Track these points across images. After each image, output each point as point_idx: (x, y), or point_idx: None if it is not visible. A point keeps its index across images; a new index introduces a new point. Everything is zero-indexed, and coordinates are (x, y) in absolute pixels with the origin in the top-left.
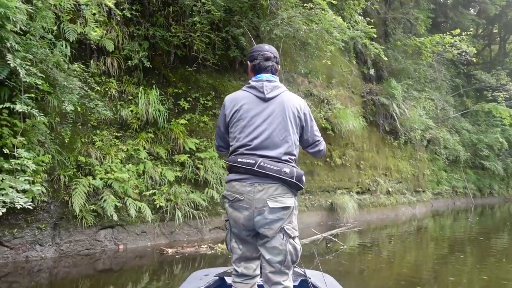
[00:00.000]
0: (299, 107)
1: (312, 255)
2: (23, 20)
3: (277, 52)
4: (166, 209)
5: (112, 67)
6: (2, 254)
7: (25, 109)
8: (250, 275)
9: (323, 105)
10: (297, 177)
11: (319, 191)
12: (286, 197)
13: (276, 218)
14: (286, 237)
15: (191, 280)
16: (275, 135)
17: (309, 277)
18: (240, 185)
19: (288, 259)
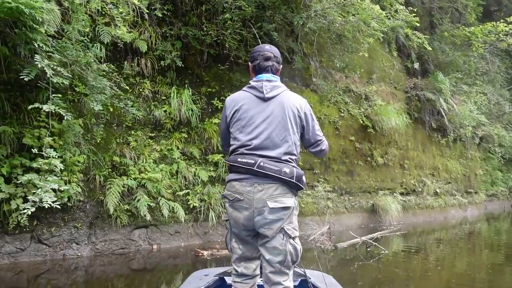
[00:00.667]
0: (299, 106)
1: (350, 261)
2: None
3: (279, 52)
4: (200, 209)
5: (145, 68)
6: (41, 252)
7: (52, 109)
8: (250, 275)
9: (363, 101)
10: (297, 177)
11: (360, 191)
12: (286, 197)
13: (276, 218)
14: (286, 237)
15: (191, 280)
16: (274, 135)
17: (309, 277)
18: (240, 185)
19: (288, 259)
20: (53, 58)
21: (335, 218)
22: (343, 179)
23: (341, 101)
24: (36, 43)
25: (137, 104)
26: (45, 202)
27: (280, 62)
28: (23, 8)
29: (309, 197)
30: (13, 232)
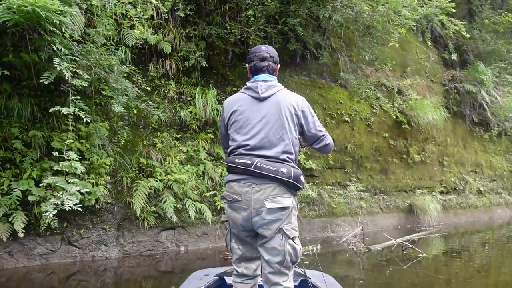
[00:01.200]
0: (296, 104)
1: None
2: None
3: (276, 52)
4: None
5: (170, 69)
6: (71, 253)
7: (71, 111)
8: (250, 275)
9: (396, 96)
10: (294, 177)
11: (395, 191)
12: (284, 197)
13: (274, 218)
14: (285, 237)
15: (191, 280)
16: (271, 134)
17: (309, 277)
18: (238, 186)
19: (287, 259)
20: (73, 61)
21: (369, 218)
22: (376, 178)
23: (372, 97)
24: (55, 46)
25: (163, 105)
26: (66, 204)
27: (277, 62)
28: (39, 11)
29: (341, 197)
30: (45, 234)
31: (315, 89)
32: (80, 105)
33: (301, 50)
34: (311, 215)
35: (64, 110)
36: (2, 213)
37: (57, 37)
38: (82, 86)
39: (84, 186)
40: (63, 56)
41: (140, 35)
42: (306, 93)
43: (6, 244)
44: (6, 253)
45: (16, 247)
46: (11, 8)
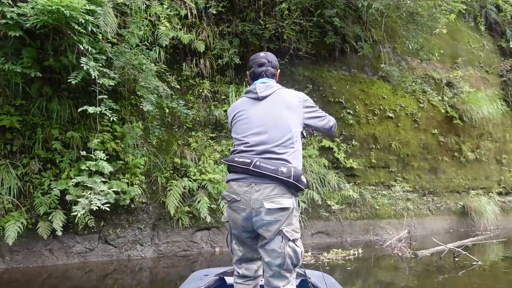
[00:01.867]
0: (297, 98)
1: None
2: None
3: (275, 57)
4: None
5: (204, 68)
6: (107, 252)
7: (98, 111)
8: (251, 276)
9: (446, 89)
10: (294, 177)
11: (446, 191)
12: (283, 197)
13: (273, 219)
14: (285, 240)
15: (191, 280)
16: (272, 131)
17: (309, 277)
18: (237, 185)
19: (287, 262)
20: (100, 60)
21: (416, 221)
22: (425, 178)
23: (419, 90)
24: (82, 45)
25: (197, 105)
26: (93, 204)
27: (276, 67)
28: (63, 10)
29: (385, 198)
30: (83, 233)
31: (355, 84)
32: (109, 105)
33: (340, 44)
34: (353, 216)
35: (90, 109)
36: (42, 212)
37: (84, 37)
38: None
39: (111, 186)
40: (90, 56)
41: (166, 31)
42: (346, 88)
43: (47, 242)
44: (47, 250)
45: (56, 245)
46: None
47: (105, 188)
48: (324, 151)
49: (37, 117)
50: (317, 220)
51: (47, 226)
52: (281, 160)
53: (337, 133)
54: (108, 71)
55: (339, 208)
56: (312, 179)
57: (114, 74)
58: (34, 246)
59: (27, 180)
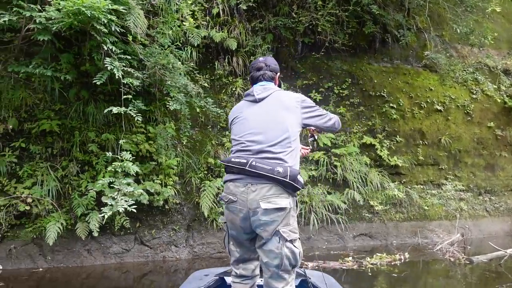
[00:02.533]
0: (294, 99)
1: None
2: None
3: (275, 61)
4: (300, 212)
5: (237, 66)
6: (143, 253)
7: (122, 111)
8: (249, 276)
9: (503, 78)
10: (291, 177)
11: (506, 190)
12: (280, 197)
13: (270, 220)
14: (283, 240)
15: (191, 280)
16: (268, 131)
17: (309, 277)
18: (234, 186)
19: (285, 263)
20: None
21: (471, 223)
22: (480, 175)
23: (471, 80)
24: (106, 46)
25: (230, 104)
26: (120, 206)
27: (274, 70)
28: (84, 10)
29: (435, 198)
30: (119, 234)
31: (398, 76)
32: (138, 105)
33: (380, 33)
34: (398, 218)
35: (115, 109)
36: (80, 213)
37: (109, 37)
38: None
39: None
40: (115, 56)
41: (190, 28)
42: (388, 81)
43: (85, 242)
44: (85, 250)
45: (94, 246)
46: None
47: (132, 189)
48: (365, 149)
49: (75, 120)
50: (359, 222)
51: (85, 227)
52: (277, 159)
53: (380, 129)
54: (133, 71)
55: (383, 208)
56: (353, 178)
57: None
58: (73, 246)
59: (66, 182)
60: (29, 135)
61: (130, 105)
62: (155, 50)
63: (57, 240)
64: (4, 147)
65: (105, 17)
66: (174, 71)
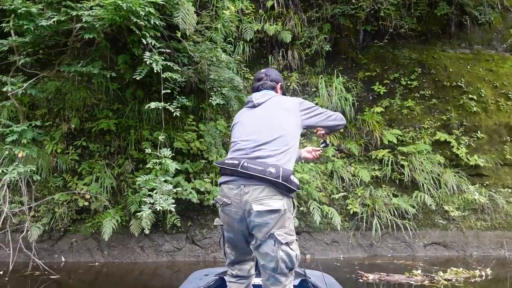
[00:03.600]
0: (292, 101)
1: None
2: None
3: (277, 72)
4: (362, 215)
5: (292, 59)
6: (194, 252)
7: (160, 106)
8: (244, 276)
9: None
10: (283, 177)
11: None
12: (273, 199)
13: (263, 222)
14: (278, 243)
15: (191, 279)
16: (262, 131)
17: (309, 277)
18: (228, 188)
19: (281, 266)
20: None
21: None
22: None
23: None
24: (145, 40)
25: None
26: (157, 204)
27: (275, 80)
28: (120, 3)
29: None
30: (171, 232)
31: (479, 63)
32: (182, 101)
33: (457, 15)
34: (480, 226)
35: (152, 105)
36: (133, 210)
37: (149, 31)
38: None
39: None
40: (155, 50)
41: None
42: (466, 69)
43: (139, 239)
44: (139, 247)
45: (147, 243)
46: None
47: (171, 187)
48: (438, 146)
49: (130, 119)
50: (430, 229)
51: (138, 224)
52: (270, 157)
53: (456, 124)
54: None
55: (460, 215)
56: (423, 180)
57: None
58: (128, 243)
59: (122, 179)
60: (89, 134)
61: (174, 102)
62: (205, 46)
63: (113, 236)
64: (68, 146)
65: (143, 10)
66: (219, 64)
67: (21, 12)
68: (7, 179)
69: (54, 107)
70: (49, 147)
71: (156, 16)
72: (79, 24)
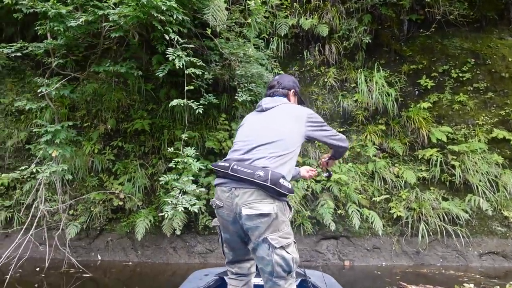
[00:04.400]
0: (301, 111)
1: None
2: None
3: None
4: (406, 220)
5: (330, 54)
6: None
7: (182, 103)
8: (244, 273)
9: None
10: (272, 180)
11: None
12: (262, 203)
13: (254, 225)
14: (272, 248)
15: (191, 279)
16: (260, 135)
17: (309, 277)
18: (221, 191)
19: (276, 270)
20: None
21: None
22: None
23: None
24: (168, 35)
25: (322, 97)
26: (180, 205)
27: (287, 88)
28: None
29: None
30: (203, 233)
31: None
32: (209, 99)
33: None
34: None
35: (174, 102)
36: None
37: (172, 26)
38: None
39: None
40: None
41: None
42: None
43: (171, 240)
44: (171, 248)
45: (179, 244)
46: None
47: (194, 187)
48: (496, 144)
49: (164, 119)
50: (487, 237)
51: (170, 224)
52: (261, 162)
53: None
54: (196, 60)
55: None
56: (478, 182)
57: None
58: (160, 243)
59: (155, 179)
60: (125, 134)
61: (201, 99)
62: (235, 42)
63: (146, 236)
64: (105, 146)
65: (164, 4)
66: (247, 59)
67: (52, 14)
68: (42, 178)
69: (93, 109)
70: (87, 147)
71: (180, 11)
72: (107, 24)
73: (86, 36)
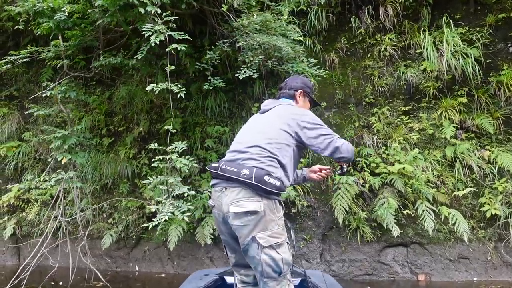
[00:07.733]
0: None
1: None
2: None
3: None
4: (506, 220)
5: (386, 18)
6: None
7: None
8: (250, 283)
9: None
10: (256, 178)
11: None
12: (249, 201)
13: (241, 224)
14: (260, 247)
15: (191, 279)
16: (256, 136)
17: (309, 277)
18: (214, 191)
19: (265, 270)
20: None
21: None
22: None
23: None
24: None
25: (378, 70)
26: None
27: (293, 88)
28: None
29: None
30: None
31: None
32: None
33: None
34: None
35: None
36: (197, 216)
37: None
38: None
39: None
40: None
41: None
42: None
43: (208, 249)
44: (208, 258)
45: (216, 253)
46: None
47: (185, 190)
48: None
49: (196, 116)
50: None
51: (203, 232)
52: (249, 162)
53: None
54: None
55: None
56: None
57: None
58: (196, 253)
59: (190, 182)
60: (158, 136)
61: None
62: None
63: (182, 245)
64: (140, 150)
65: None
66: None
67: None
68: (61, 187)
69: (129, 112)
70: (122, 152)
71: None
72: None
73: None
